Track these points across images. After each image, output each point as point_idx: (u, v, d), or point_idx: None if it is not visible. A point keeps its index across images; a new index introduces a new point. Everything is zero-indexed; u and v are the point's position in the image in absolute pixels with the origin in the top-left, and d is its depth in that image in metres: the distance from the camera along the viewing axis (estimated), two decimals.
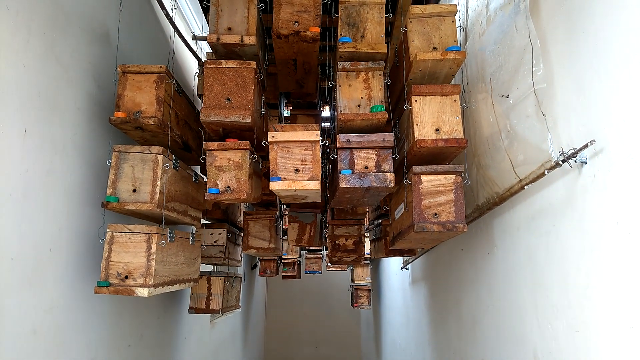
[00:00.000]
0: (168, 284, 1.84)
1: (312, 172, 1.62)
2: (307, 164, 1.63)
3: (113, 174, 1.73)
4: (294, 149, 1.64)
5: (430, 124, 1.70)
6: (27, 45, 1.55)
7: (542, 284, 1.50)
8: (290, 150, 1.64)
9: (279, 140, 1.65)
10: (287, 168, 1.63)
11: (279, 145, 1.65)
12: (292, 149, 1.65)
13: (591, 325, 1.23)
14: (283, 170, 1.61)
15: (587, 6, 1.24)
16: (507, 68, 1.66)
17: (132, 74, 1.80)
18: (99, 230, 1.85)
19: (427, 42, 1.76)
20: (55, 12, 1.70)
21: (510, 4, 1.63)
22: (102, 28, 2.04)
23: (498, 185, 1.76)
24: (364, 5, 1.82)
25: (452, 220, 1.65)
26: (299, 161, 1.63)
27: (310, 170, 1.62)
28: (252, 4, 1.82)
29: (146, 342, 2.54)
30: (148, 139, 1.91)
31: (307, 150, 1.64)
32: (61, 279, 1.73)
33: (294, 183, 1.60)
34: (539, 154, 1.45)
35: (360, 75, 1.78)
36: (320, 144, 1.66)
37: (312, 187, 1.60)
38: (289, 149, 1.64)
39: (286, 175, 1.60)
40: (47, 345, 1.64)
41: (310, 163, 1.62)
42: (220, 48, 1.81)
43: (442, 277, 2.87)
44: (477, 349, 2.15)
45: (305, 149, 1.64)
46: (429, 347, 3.31)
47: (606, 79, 1.16)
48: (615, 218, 1.13)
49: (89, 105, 1.92)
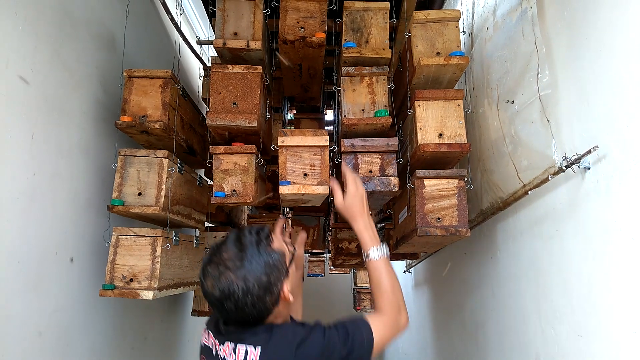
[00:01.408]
0: (172, 286, 1.85)
1: (321, 176, 1.63)
2: (316, 169, 1.63)
3: (119, 178, 1.74)
4: (303, 153, 1.65)
5: (434, 129, 1.70)
6: (35, 51, 1.56)
7: (546, 289, 1.50)
8: (299, 154, 1.65)
9: (288, 145, 1.65)
10: (296, 172, 1.63)
11: (289, 150, 1.66)
12: (302, 153, 1.65)
13: (594, 330, 1.24)
14: (292, 174, 1.62)
15: (590, 13, 1.24)
16: (513, 74, 1.66)
17: (138, 78, 1.81)
18: (105, 234, 1.87)
19: (430, 47, 1.77)
20: (62, 18, 1.72)
21: (517, 10, 1.64)
22: (109, 33, 2.06)
23: (502, 190, 1.76)
24: (368, 10, 1.83)
25: (455, 224, 1.66)
26: (307, 166, 1.64)
27: (319, 175, 1.63)
28: (258, 10, 1.83)
29: (150, 344, 2.55)
30: (153, 142, 1.93)
31: (316, 155, 1.64)
32: (66, 282, 1.74)
33: (303, 187, 1.60)
34: (542, 159, 1.45)
35: (365, 80, 1.79)
36: (329, 149, 1.66)
37: (321, 192, 1.61)
38: (298, 154, 1.65)
39: (295, 179, 1.61)
40: (52, 348, 1.65)
41: (319, 168, 1.63)
42: (226, 53, 1.82)
43: (445, 281, 2.87)
44: (480, 353, 2.16)
45: (314, 153, 1.64)
46: (432, 351, 3.31)
47: (609, 85, 1.17)
48: (618, 223, 1.13)
49: (95, 110, 1.93)
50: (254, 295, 1.05)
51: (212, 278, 1.07)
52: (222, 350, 1.12)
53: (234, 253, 1.09)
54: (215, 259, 1.10)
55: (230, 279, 1.05)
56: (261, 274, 1.07)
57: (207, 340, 1.19)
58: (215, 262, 1.09)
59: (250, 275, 1.06)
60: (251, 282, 1.05)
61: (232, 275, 1.05)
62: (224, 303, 1.06)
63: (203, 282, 1.10)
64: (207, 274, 1.09)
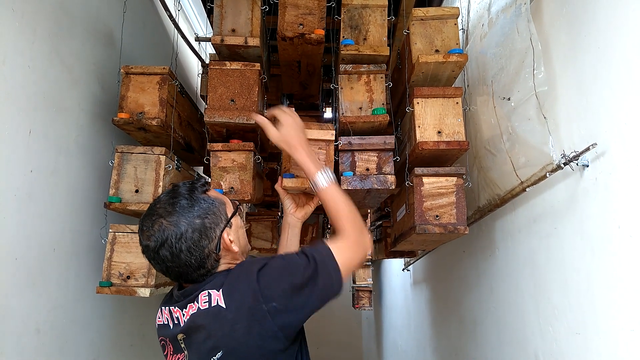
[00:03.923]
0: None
1: None
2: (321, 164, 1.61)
3: (116, 175, 1.74)
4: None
5: (432, 126, 1.70)
6: (32, 47, 1.56)
7: (544, 286, 1.51)
8: None
9: None
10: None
11: None
12: None
13: (592, 328, 1.24)
14: (296, 167, 1.59)
15: (589, 10, 1.24)
16: (508, 70, 1.66)
17: (135, 75, 1.80)
18: (101, 231, 1.86)
19: (429, 45, 1.76)
20: (60, 14, 1.71)
21: (512, 7, 1.64)
22: (106, 29, 2.05)
23: (499, 187, 1.76)
24: (366, 7, 1.82)
25: (453, 222, 1.66)
26: None
27: None
28: (255, 6, 1.83)
29: (148, 341, 2.54)
30: (151, 139, 1.92)
31: (321, 150, 1.61)
32: (64, 279, 1.74)
33: (307, 181, 1.58)
34: (540, 156, 1.45)
35: (362, 78, 1.79)
36: (334, 143, 1.63)
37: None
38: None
39: (299, 172, 1.58)
40: (50, 344, 1.65)
41: (323, 162, 1.61)
42: (224, 49, 1.81)
43: (443, 278, 2.87)
44: (478, 350, 2.16)
45: (319, 147, 1.61)
46: (430, 349, 3.32)
47: (608, 82, 1.17)
48: (616, 221, 1.13)
49: (92, 106, 1.93)
50: (188, 239, 1.02)
51: (147, 229, 1.04)
52: (178, 312, 1.07)
53: (165, 201, 1.07)
54: (149, 211, 1.07)
55: (162, 226, 1.02)
56: (194, 217, 1.04)
57: (160, 319, 1.14)
58: (148, 214, 1.06)
59: (183, 219, 1.03)
60: (184, 226, 1.02)
61: (164, 221, 1.03)
62: (159, 251, 1.03)
63: (140, 238, 1.07)
64: (141, 228, 1.06)
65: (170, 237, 1.01)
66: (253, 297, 0.99)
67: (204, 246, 1.05)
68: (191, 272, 1.05)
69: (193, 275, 1.06)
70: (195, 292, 1.05)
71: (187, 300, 1.05)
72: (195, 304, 1.03)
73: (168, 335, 1.10)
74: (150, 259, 1.06)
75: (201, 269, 1.06)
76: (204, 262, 1.05)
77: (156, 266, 1.07)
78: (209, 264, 1.07)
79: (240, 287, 1.01)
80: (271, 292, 1.00)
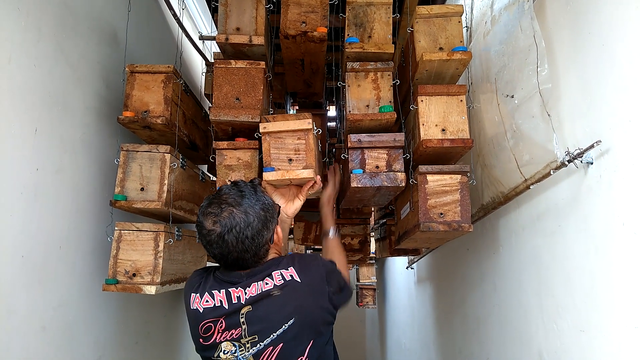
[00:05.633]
0: (175, 281, 1.86)
1: (306, 161, 1.59)
2: (301, 154, 1.60)
3: (121, 173, 1.75)
4: (286, 139, 1.61)
5: (436, 124, 1.70)
6: (38, 46, 1.57)
7: (548, 284, 1.51)
8: (282, 140, 1.61)
9: (270, 131, 1.61)
10: (280, 158, 1.60)
11: (271, 136, 1.61)
12: (285, 139, 1.61)
13: (596, 325, 1.24)
14: (276, 160, 1.59)
15: (592, 7, 1.24)
16: (511, 68, 1.66)
17: (140, 73, 1.81)
18: (107, 229, 1.87)
19: (433, 43, 1.76)
20: (65, 13, 1.72)
21: (515, 4, 1.63)
22: (111, 28, 2.06)
23: (503, 184, 1.76)
24: (371, 5, 1.82)
25: (457, 219, 1.66)
26: (292, 151, 1.60)
27: (304, 160, 1.59)
28: (260, 5, 1.83)
29: (153, 339, 2.56)
30: (156, 138, 1.93)
31: (300, 140, 1.61)
32: (70, 277, 1.75)
33: (288, 173, 1.56)
34: (544, 154, 1.45)
35: (369, 75, 1.79)
36: (313, 132, 1.61)
37: (306, 176, 1.57)
38: (282, 139, 1.61)
39: (280, 165, 1.58)
40: (56, 342, 1.66)
41: (303, 152, 1.60)
42: (229, 48, 1.82)
43: (447, 276, 2.87)
44: (482, 348, 2.16)
45: (298, 138, 1.61)
46: (434, 347, 3.32)
47: (612, 79, 1.17)
48: (621, 218, 1.13)
49: (97, 105, 1.94)
50: (254, 228, 1.18)
51: (214, 215, 1.17)
52: (240, 292, 1.20)
53: (234, 193, 1.21)
54: (216, 200, 1.20)
55: (233, 213, 1.16)
56: (259, 209, 1.21)
57: (208, 302, 1.22)
58: (215, 202, 1.19)
59: (251, 210, 1.19)
60: (252, 216, 1.18)
61: (235, 209, 1.17)
62: (224, 236, 1.15)
63: (202, 223, 1.18)
64: (207, 214, 1.18)
65: (239, 224, 1.16)
66: (320, 278, 1.24)
67: (264, 236, 1.21)
68: (248, 257, 1.20)
69: (249, 261, 1.21)
70: (261, 273, 1.21)
71: (252, 280, 1.20)
72: (268, 280, 1.20)
73: (222, 314, 1.20)
74: (211, 242, 1.17)
75: (256, 257, 1.21)
76: (260, 250, 1.21)
77: (215, 250, 1.19)
78: (262, 252, 1.23)
79: (312, 269, 1.25)
80: (330, 279, 1.26)
